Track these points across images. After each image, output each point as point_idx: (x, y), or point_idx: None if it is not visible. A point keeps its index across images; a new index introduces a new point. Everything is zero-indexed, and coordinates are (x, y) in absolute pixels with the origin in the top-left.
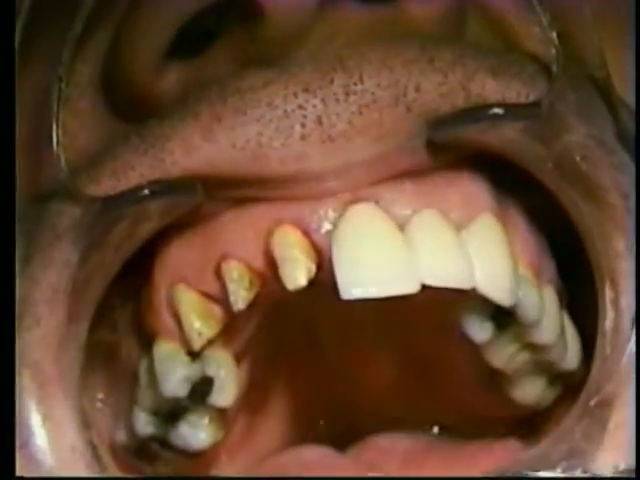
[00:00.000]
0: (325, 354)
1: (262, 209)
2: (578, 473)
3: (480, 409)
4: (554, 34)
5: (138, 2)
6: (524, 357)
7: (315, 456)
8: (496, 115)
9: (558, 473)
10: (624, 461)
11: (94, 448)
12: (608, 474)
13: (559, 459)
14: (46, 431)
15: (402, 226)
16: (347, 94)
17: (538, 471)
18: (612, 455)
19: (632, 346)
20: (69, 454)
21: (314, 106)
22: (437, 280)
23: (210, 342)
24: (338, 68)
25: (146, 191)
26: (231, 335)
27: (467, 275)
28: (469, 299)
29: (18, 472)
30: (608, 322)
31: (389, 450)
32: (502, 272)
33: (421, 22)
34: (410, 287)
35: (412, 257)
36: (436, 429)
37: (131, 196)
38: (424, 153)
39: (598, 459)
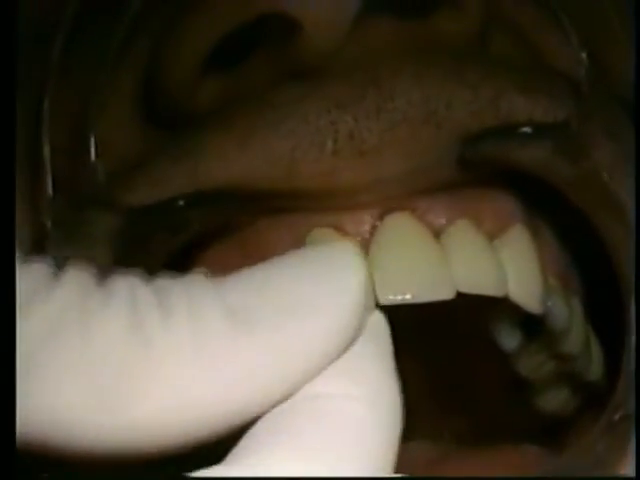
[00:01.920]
0: None
1: (300, 216)
2: None
3: (502, 418)
4: (584, 54)
5: (180, 13)
6: (550, 366)
7: None
8: (525, 134)
9: None
10: None
11: None
12: None
13: (582, 470)
14: None
15: (437, 235)
16: (378, 111)
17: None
18: (632, 468)
19: None
20: None
21: (346, 122)
22: (471, 287)
23: None
24: (370, 85)
25: (181, 202)
26: None
27: (500, 283)
28: (499, 308)
29: None
30: (633, 338)
31: (408, 458)
32: (533, 281)
33: (451, 38)
34: (445, 294)
35: (447, 265)
36: (452, 437)
37: (166, 206)
38: (455, 169)
39: (619, 472)
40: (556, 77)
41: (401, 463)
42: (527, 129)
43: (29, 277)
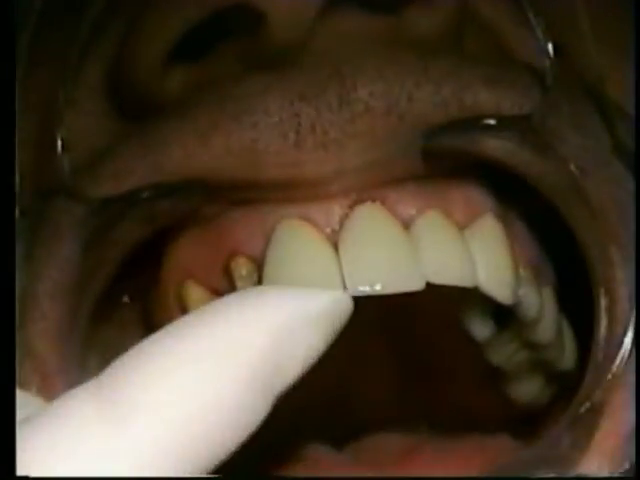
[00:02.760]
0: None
1: (269, 208)
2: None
3: (476, 408)
4: (549, 45)
5: (145, 6)
6: (523, 355)
7: (316, 453)
8: (488, 126)
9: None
10: (608, 468)
11: None
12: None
13: (541, 465)
14: None
15: (407, 225)
16: (340, 103)
17: (520, 474)
18: (596, 462)
19: (624, 353)
20: None
21: (308, 114)
22: (441, 278)
23: None
24: (334, 77)
25: (145, 193)
26: None
27: (470, 273)
28: (471, 298)
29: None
30: (602, 330)
31: (384, 448)
32: (504, 271)
33: (420, 33)
34: (415, 284)
35: (417, 255)
36: (427, 427)
37: (129, 198)
38: (420, 160)
39: (582, 465)
40: (522, 70)
41: (375, 453)
42: (491, 121)
43: None
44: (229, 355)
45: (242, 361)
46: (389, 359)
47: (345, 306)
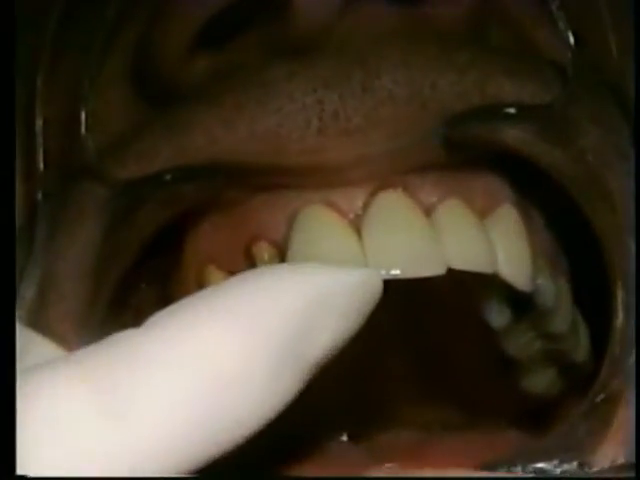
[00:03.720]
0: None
1: (291, 193)
2: (574, 466)
3: (489, 399)
4: (570, 38)
5: None
6: (538, 346)
7: (331, 446)
8: (509, 115)
9: (554, 464)
10: (624, 457)
11: None
12: (606, 466)
13: (557, 451)
14: None
15: (428, 212)
16: (364, 90)
17: (535, 462)
18: (612, 450)
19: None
20: None
21: (332, 101)
22: (461, 263)
23: None
24: (357, 64)
25: (168, 177)
26: None
27: (490, 260)
28: (489, 285)
29: None
30: (619, 322)
31: (399, 442)
32: (522, 259)
33: (444, 24)
34: (436, 269)
35: (438, 241)
36: (442, 426)
37: (153, 181)
38: (441, 149)
39: (597, 453)
40: (543, 61)
41: (389, 448)
42: (512, 110)
43: None
44: (257, 322)
45: (271, 328)
46: (404, 346)
47: (376, 284)
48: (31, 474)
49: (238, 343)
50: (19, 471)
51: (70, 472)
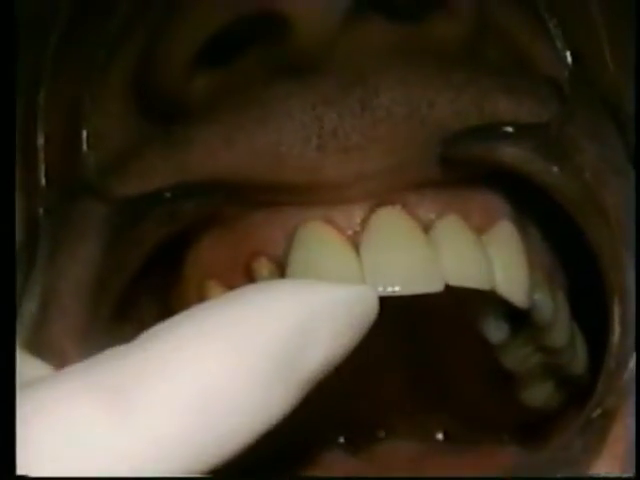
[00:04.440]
0: None
1: (291, 210)
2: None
3: (487, 413)
4: (568, 55)
5: (171, 10)
6: (536, 359)
7: (330, 457)
8: (506, 134)
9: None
10: (620, 472)
11: None
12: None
13: (554, 467)
14: None
15: (426, 229)
16: (363, 108)
17: (531, 477)
18: (607, 465)
19: (633, 358)
20: None
21: (330, 118)
22: (459, 280)
23: None
24: (357, 82)
25: (168, 194)
26: None
27: (487, 276)
28: (487, 301)
29: None
30: (615, 337)
31: (396, 455)
32: (520, 275)
33: (442, 42)
34: (434, 286)
35: (436, 258)
36: (441, 436)
37: (153, 198)
38: (439, 166)
39: (592, 468)
40: (540, 79)
41: (384, 459)
42: (509, 128)
43: None
44: (251, 338)
45: (264, 344)
46: (400, 360)
47: (372, 301)
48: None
49: (230, 358)
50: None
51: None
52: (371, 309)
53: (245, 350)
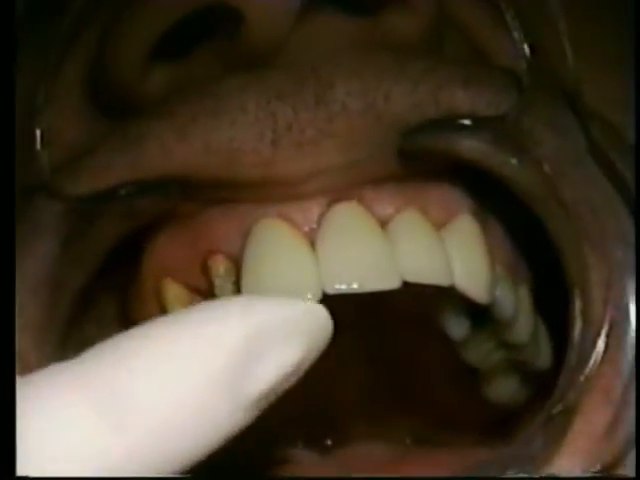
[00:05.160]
0: None
1: (247, 206)
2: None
3: (453, 411)
4: (525, 47)
5: (125, 4)
6: (499, 355)
7: (301, 461)
8: (463, 126)
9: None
10: (580, 468)
11: None
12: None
13: (513, 463)
14: None
15: (384, 224)
16: (317, 102)
17: (490, 474)
18: (568, 462)
19: (597, 356)
20: None
21: (285, 113)
22: (417, 277)
23: None
24: (311, 76)
25: (122, 191)
26: None
27: (446, 272)
28: (447, 297)
29: None
30: (576, 331)
31: (365, 458)
32: (480, 270)
33: (397, 35)
34: (391, 283)
35: (393, 254)
36: (405, 435)
37: (108, 196)
38: (397, 160)
39: (554, 465)
40: (498, 71)
41: (358, 461)
42: (466, 121)
43: None
44: (196, 358)
45: (207, 361)
46: (363, 359)
47: (322, 317)
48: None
49: (169, 383)
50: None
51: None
52: (324, 326)
53: (187, 369)
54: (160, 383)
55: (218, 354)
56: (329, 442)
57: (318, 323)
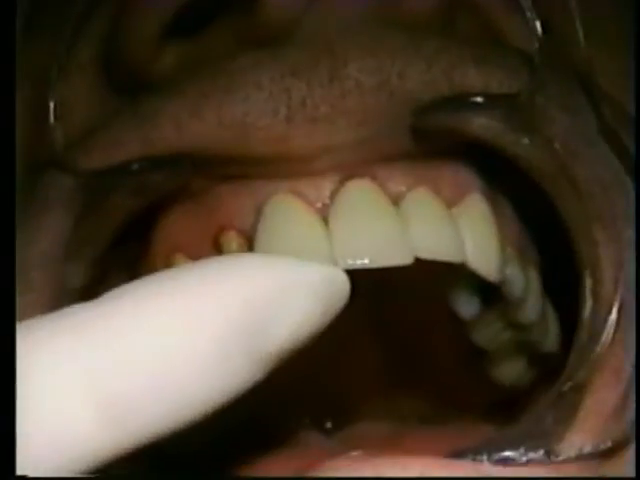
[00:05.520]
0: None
1: (259, 182)
2: (541, 454)
3: (459, 392)
4: (538, 26)
5: None
6: (507, 336)
7: (304, 438)
8: (476, 104)
9: (520, 453)
10: (591, 445)
11: None
12: (572, 455)
13: (524, 440)
14: None
15: (396, 201)
16: (331, 79)
17: (501, 451)
18: (579, 439)
19: (607, 334)
20: None
21: (299, 89)
22: (429, 253)
23: None
24: (325, 53)
25: (135, 166)
26: None
27: (457, 249)
28: (458, 275)
29: None
30: (587, 310)
31: (368, 434)
32: (490, 248)
33: (413, 13)
34: (403, 259)
35: (406, 231)
36: (413, 415)
37: (119, 171)
38: (410, 138)
39: (564, 441)
40: (511, 50)
41: (362, 440)
42: (479, 99)
43: None
44: (212, 309)
45: (225, 316)
46: (373, 337)
47: (341, 283)
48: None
49: (190, 322)
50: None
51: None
52: (341, 291)
53: (203, 321)
54: (179, 330)
55: (239, 307)
56: (333, 421)
57: (336, 288)
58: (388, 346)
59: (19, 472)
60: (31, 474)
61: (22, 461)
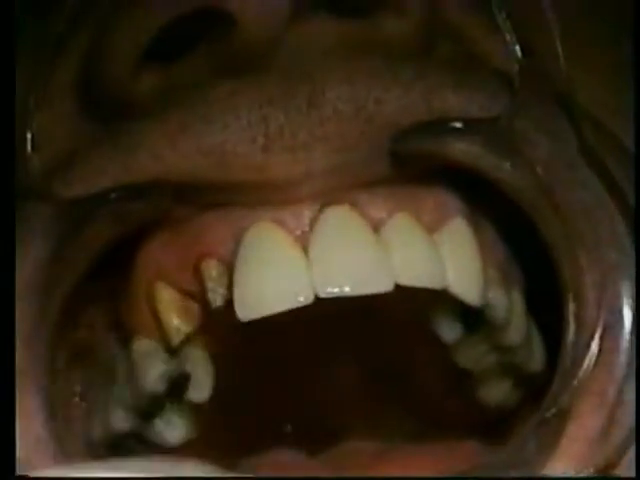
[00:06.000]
0: (296, 354)
1: (239, 210)
2: None
3: (445, 411)
4: (517, 49)
5: (117, 7)
6: (492, 358)
7: (286, 458)
8: (455, 129)
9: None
10: (573, 471)
11: (59, 439)
12: None
13: (507, 466)
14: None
15: (377, 228)
16: (309, 106)
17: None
18: (562, 465)
19: (591, 358)
20: (34, 444)
21: (276, 117)
22: (410, 280)
23: (188, 339)
24: (303, 80)
25: (114, 195)
26: (208, 333)
27: (439, 275)
28: (440, 300)
29: None
30: (570, 335)
31: (354, 455)
32: (472, 273)
33: (389, 38)
34: (384, 286)
35: (386, 257)
36: (398, 435)
37: (99, 199)
38: (389, 164)
39: (547, 468)
40: (490, 74)
41: (346, 460)
42: (458, 124)
43: None
44: None
45: None
46: (357, 362)
47: None
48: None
49: None
50: None
51: None
52: None
53: None
54: None
55: None
56: (317, 442)
57: None
58: (372, 367)
59: None
60: None
61: None
